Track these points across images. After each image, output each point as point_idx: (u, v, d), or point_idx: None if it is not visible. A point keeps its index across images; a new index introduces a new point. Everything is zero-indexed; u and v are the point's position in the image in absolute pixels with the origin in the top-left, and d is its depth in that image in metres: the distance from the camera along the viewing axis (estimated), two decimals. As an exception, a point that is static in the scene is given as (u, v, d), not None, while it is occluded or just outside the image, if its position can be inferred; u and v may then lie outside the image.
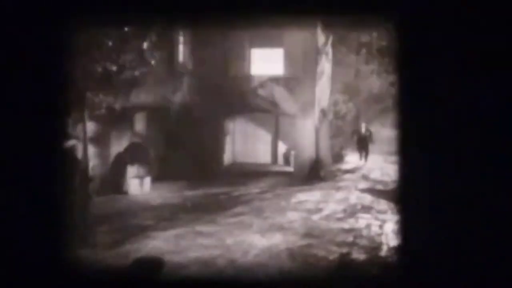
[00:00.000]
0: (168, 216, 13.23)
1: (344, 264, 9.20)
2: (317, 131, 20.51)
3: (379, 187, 17.12)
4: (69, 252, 4.88)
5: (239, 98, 20.90)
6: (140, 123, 19.08)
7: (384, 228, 11.59)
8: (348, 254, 9.75)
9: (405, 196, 4.38)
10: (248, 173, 21.41)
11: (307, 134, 20.66)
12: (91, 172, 11.31)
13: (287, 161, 24.05)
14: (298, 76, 20.57)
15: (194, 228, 11.71)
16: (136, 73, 11.79)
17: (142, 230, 11.52)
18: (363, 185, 17.64)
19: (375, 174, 19.90)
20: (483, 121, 4.23)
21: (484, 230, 4.26)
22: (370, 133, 23.59)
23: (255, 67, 21.66)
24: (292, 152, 22.54)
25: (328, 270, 8.98)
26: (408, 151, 4.32)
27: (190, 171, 19.35)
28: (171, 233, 11.29)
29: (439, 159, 4.26)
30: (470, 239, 4.28)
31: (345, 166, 22.72)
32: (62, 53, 4.59)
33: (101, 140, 16.33)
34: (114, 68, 10.91)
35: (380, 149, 23.66)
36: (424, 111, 4.26)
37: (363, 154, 23.36)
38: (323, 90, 21.01)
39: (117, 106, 11.89)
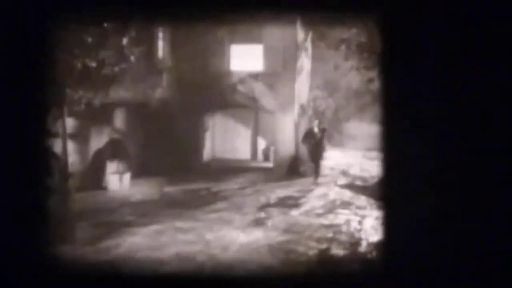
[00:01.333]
0: (148, 211, 13.21)
1: (324, 259, 9.25)
2: (296, 127, 20.57)
3: (358, 183, 17.22)
4: (49, 248, 4.87)
5: (219, 94, 20.91)
6: (119, 119, 19.01)
7: (364, 223, 11.67)
8: (327, 249, 9.81)
9: (388, 192, 4.42)
10: (227, 169, 21.42)
11: (286, 130, 20.71)
12: (70, 168, 11.25)
13: (266, 157, 24.11)
14: (278, 72, 20.60)
15: (174, 224, 11.71)
16: (116, 69, 11.74)
17: (122, 226, 11.49)
18: (343, 181, 17.71)
19: (354, 170, 19.98)
20: (466, 117, 4.28)
21: (466, 226, 4.31)
22: (324, 132, 18.27)
23: (234, 63, 21.65)
24: (272, 148, 22.58)
25: (307, 265, 9.03)
26: (392, 147, 4.36)
27: (170, 167, 19.32)
28: (151, 229, 11.28)
29: (422, 155, 4.31)
30: (451, 235, 4.33)
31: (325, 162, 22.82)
32: (42, 49, 4.58)
33: (80, 136, 16.26)
34: (94, 64, 10.87)
35: (359, 145, 23.73)
36: (407, 107, 4.30)
37: (316, 166, 18.11)
38: (302, 86, 21.10)
39: (97, 102, 11.83)
